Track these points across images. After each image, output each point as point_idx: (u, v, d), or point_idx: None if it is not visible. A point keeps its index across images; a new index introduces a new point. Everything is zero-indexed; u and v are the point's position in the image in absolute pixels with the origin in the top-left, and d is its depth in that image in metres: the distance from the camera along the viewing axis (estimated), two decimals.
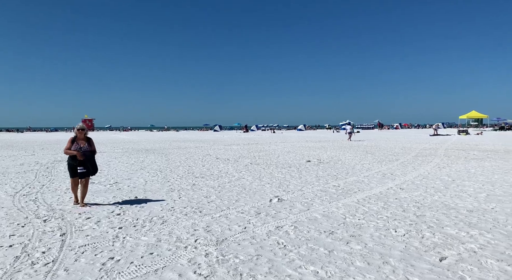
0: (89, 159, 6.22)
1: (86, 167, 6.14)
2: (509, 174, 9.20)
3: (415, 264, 3.50)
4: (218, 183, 8.57)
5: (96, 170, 6.37)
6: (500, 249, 3.85)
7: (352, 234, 4.52)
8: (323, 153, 16.58)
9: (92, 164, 6.27)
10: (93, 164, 6.30)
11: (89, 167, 6.19)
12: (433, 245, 4.03)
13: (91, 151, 6.28)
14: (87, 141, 6.26)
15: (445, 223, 4.91)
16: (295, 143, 25.29)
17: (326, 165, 11.88)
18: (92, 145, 6.36)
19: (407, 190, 7.34)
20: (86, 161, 6.14)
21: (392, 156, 14.62)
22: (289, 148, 20.17)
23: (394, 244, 4.11)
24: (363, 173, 9.99)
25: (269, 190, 7.55)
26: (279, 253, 3.88)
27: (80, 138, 6.22)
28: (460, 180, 8.54)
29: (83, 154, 6.09)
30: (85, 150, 6.15)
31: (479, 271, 3.30)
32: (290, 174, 9.96)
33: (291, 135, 44.34)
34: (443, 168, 10.68)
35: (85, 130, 6.28)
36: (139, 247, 4.13)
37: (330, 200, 6.55)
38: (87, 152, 6.17)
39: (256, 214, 5.60)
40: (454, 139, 28.07)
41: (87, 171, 6.17)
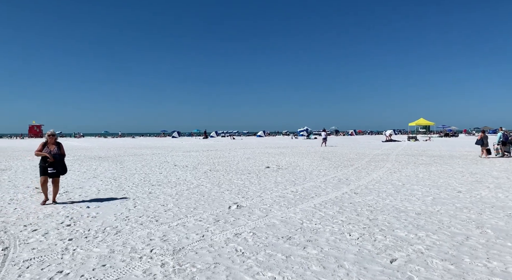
0: (59, 161, 6.93)
1: (56, 168, 6.86)
2: (452, 178, 9.86)
3: (368, 266, 3.64)
4: (175, 190, 8.40)
5: (65, 170, 7.15)
6: (444, 249, 4.11)
7: (309, 239, 4.61)
8: (282, 159, 16.82)
9: (62, 166, 7.01)
10: (63, 166, 7.04)
11: (58, 168, 6.91)
12: (385, 248, 4.21)
13: (61, 154, 7.00)
14: (57, 145, 7.01)
15: (396, 226, 5.16)
16: (255, 150, 25.45)
17: (284, 171, 12.06)
18: (62, 149, 7.10)
19: (361, 195, 7.62)
20: (56, 163, 6.85)
21: (347, 162, 15.14)
22: (249, 155, 20.25)
23: (348, 247, 4.24)
24: (320, 178, 10.25)
25: (228, 197, 7.52)
26: (237, 261, 3.86)
27: (51, 142, 6.96)
28: (409, 184, 9.01)
29: (53, 157, 6.81)
30: (55, 153, 6.88)
31: (426, 270, 3.49)
32: (250, 180, 10.00)
33: (251, 142, 44.57)
34: (394, 173, 11.23)
35: (55, 136, 7.08)
36: (91, 259, 3.94)
37: (288, 205, 6.65)
38: (56, 155, 6.89)
39: (214, 221, 5.55)
40: (404, 145, 29.66)
41: (57, 172, 6.90)
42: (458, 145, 28.96)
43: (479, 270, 3.47)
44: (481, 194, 7.45)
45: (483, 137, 16.91)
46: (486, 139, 16.89)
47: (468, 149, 23.02)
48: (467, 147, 25.24)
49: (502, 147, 16.83)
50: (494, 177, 9.87)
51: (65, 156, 7.13)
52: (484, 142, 16.79)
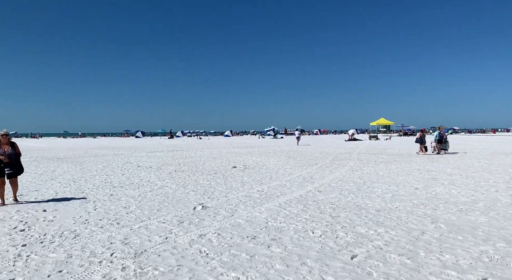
0: (15, 161, 6.85)
1: (12, 169, 6.80)
2: (410, 176, 10.32)
3: (330, 263, 3.73)
4: (138, 192, 8.19)
5: (22, 170, 7.13)
6: (402, 245, 4.29)
7: (273, 237, 4.65)
8: (249, 159, 16.86)
9: (18, 166, 6.97)
10: (19, 166, 7.02)
11: (15, 168, 6.85)
12: (346, 244, 4.33)
13: (16, 154, 6.90)
14: (11, 145, 6.86)
15: (357, 223, 5.32)
16: (222, 149, 25.33)
17: (251, 171, 12.10)
18: (17, 149, 6.98)
19: (324, 193, 7.80)
20: (12, 163, 6.77)
21: (312, 161, 15.43)
22: (216, 154, 20.13)
23: (311, 245, 4.33)
24: (286, 177, 10.38)
25: (193, 198, 7.43)
26: (201, 262, 3.83)
27: (4, 143, 6.78)
28: (370, 182, 9.33)
29: (9, 157, 6.71)
30: (9, 153, 6.77)
31: (384, 266, 3.63)
32: (216, 180, 9.94)
33: (218, 141, 44.34)
34: (356, 171, 11.58)
35: (8, 136, 6.89)
36: (46, 266, 3.75)
37: (254, 205, 6.67)
38: (12, 155, 6.79)
39: (178, 223, 5.46)
40: (366, 144, 30.67)
41: (13, 172, 6.84)
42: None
43: (432, 264, 3.66)
44: (436, 191, 7.85)
45: (422, 136, 18.34)
46: (424, 138, 18.37)
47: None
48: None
49: (438, 145, 18.24)
50: (448, 174, 10.43)
51: (20, 156, 7.10)
52: (422, 140, 18.25)
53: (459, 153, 18.10)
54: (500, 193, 7.38)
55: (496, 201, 6.62)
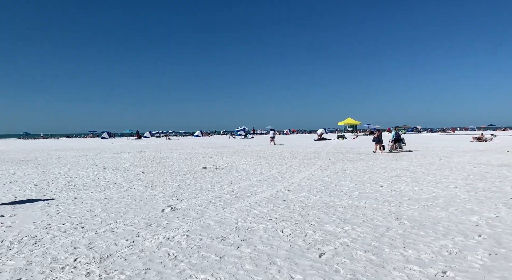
0: None
1: None
2: (376, 174, 10.64)
3: (298, 261, 3.78)
4: (104, 195, 7.94)
5: None
6: (368, 241, 4.42)
7: (243, 238, 4.65)
8: (219, 159, 16.77)
9: None
10: None
11: None
12: (314, 242, 4.41)
13: None
14: None
15: (325, 221, 5.42)
16: (191, 150, 25.04)
17: (222, 171, 12.04)
18: None
19: (294, 192, 7.89)
20: None
21: (282, 160, 15.58)
22: (185, 155, 19.87)
23: (280, 244, 4.37)
24: (256, 177, 10.41)
25: (161, 200, 7.29)
26: (169, 265, 3.76)
27: None
28: (338, 180, 9.54)
29: None
30: None
31: (351, 262, 3.72)
32: (185, 181, 9.81)
33: (188, 142, 43.81)
34: (324, 170, 11.80)
35: None
36: (3, 274, 3.56)
37: (224, 205, 6.64)
38: None
39: (146, 225, 5.34)
40: (334, 143, 31.34)
41: None
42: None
43: (396, 259, 3.79)
44: (400, 188, 8.14)
45: (379, 135, 19.37)
46: (381, 137, 19.37)
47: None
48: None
49: (395, 143, 19.37)
50: (411, 172, 10.85)
51: None
52: (379, 139, 19.23)
53: (414, 151, 18.88)
54: (458, 190, 7.76)
55: (455, 197, 6.96)
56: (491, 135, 31.26)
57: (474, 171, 10.73)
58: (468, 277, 3.28)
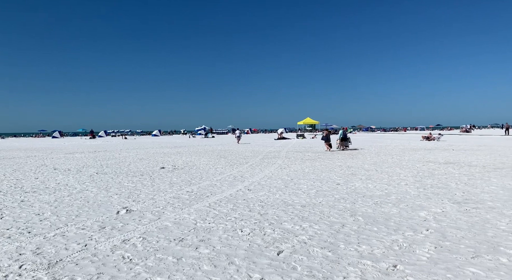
0: None
1: None
2: (333, 172, 10.96)
3: (257, 260, 3.79)
4: (54, 197, 7.51)
5: None
6: (324, 238, 4.53)
7: (201, 238, 4.60)
8: (179, 159, 16.47)
9: None
10: None
11: None
12: (273, 241, 4.45)
13: None
14: None
15: (284, 219, 5.49)
16: (149, 149, 24.39)
17: (180, 171, 11.82)
18: None
19: (254, 191, 7.93)
20: None
21: (243, 159, 15.60)
22: (142, 155, 19.31)
23: (239, 243, 4.36)
24: (216, 177, 10.33)
25: (117, 202, 7.03)
26: (123, 268, 3.63)
27: None
28: (297, 179, 9.71)
29: None
30: None
31: (308, 259, 3.80)
32: (142, 182, 9.53)
33: (145, 141, 42.63)
34: (284, 169, 11.97)
35: None
36: None
37: (182, 206, 6.52)
38: None
39: (100, 228, 5.12)
40: (294, 143, 31.89)
41: None
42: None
43: (351, 254, 3.92)
44: (355, 186, 8.44)
45: (327, 134, 20.78)
46: (329, 136, 20.70)
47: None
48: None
49: (342, 142, 20.61)
50: (366, 170, 11.28)
51: None
52: (328, 138, 20.52)
53: (362, 149, 19.71)
54: (409, 186, 8.18)
55: (405, 194, 7.33)
56: (439, 135, 33.31)
57: (423, 168, 11.36)
58: (416, 269, 3.46)
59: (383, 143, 27.65)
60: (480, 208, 5.91)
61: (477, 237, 4.43)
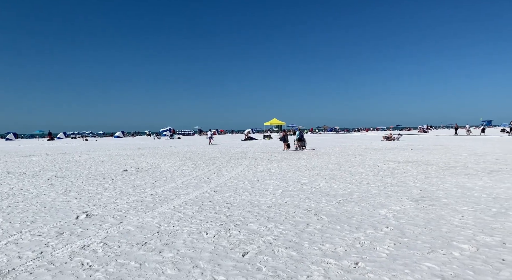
0: None
1: None
2: (298, 172, 11.12)
3: (222, 262, 3.77)
4: (7, 203, 7.09)
5: None
6: (289, 238, 4.58)
7: (165, 242, 4.50)
8: (142, 161, 16.07)
9: None
10: None
11: None
12: (239, 242, 4.44)
13: None
14: None
15: (250, 220, 5.50)
16: (111, 152, 23.62)
17: (144, 174, 11.54)
18: None
19: (220, 192, 7.88)
20: None
21: (209, 161, 15.47)
22: (104, 157, 18.66)
23: (204, 246, 4.32)
24: (182, 179, 10.18)
25: (76, 206, 6.74)
26: (82, 275, 3.48)
27: None
28: (263, 179, 9.76)
29: None
30: None
31: (273, 260, 3.82)
32: (104, 185, 9.20)
33: (107, 143, 41.24)
34: (250, 170, 12.00)
35: None
36: None
37: (146, 210, 6.36)
38: None
39: (57, 235, 4.89)
40: (260, 143, 32.06)
41: None
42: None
43: (315, 253, 3.99)
44: (320, 185, 8.62)
45: (285, 135, 21.90)
46: (286, 137, 21.85)
47: (310, 145, 26.33)
48: (310, 143, 28.83)
49: (299, 142, 21.55)
50: (330, 169, 11.55)
51: None
52: (285, 139, 21.60)
53: (315, 149, 20.23)
54: (370, 185, 8.46)
55: (367, 192, 7.57)
56: (398, 135, 34.73)
57: (383, 167, 11.79)
58: (376, 266, 3.58)
59: (346, 143, 28.42)
60: (435, 205, 6.22)
61: (433, 233, 4.66)
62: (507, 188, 7.55)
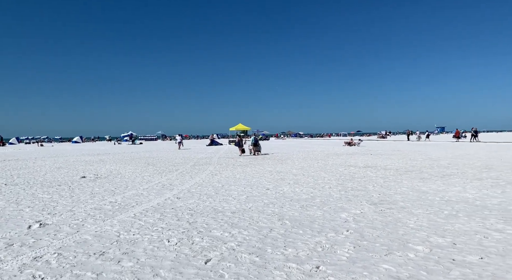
0: None
1: None
2: (263, 177, 11.18)
3: (184, 270, 3.70)
4: None
5: None
6: (252, 243, 4.58)
7: (125, 251, 4.35)
8: (102, 167, 15.49)
9: None
10: None
11: None
12: (201, 249, 4.38)
13: None
14: None
15: (213, 227, 5.45)
16: (69, 158, 22.58)
17: (104, 180, 11.12)
18: None
19: (183, 199, 7.75)
20: None
21: (172, 167, 15.19)
22: (61, 164, 17.80)
23: (166, 254, 4.22)
24: (143, 185, 9.91)
25: (28, 215, 6.36)
26: None
27: None
28: (228, 185, 9.72)
29: None
30: None
31: (235, 266, 3.80)
32: (59, 193, 8.76)
33: (65, 148, 39.42)
34: (215, 175, 11.91)
35: None
36: None
37: (104, 218, 6.13)
38: None
39: (7, 246, 4.58)
40: (226, 148, 31.92)
41: None
42: (268, 147, 33.12)
43: (277, 258, 4.02)
44: (284, 190, 8.71)
45: (240, 140, 22.70)
46: (242, 142, 22.58)
47: (275, 150, 26.60)
48: (275, 149, 29.13)
49: (254, 147, 21.91)
50: (294, 174, 11.71)
51: None
52: (240, 144, 22.26)
53: (269, 154, 20.58)
54: (332, 189, 8.67)
55: (329, 197, 7.75)
56: (359, 140, 35.95)
57: (345, 172, 12.13)
58: (337, 269, 3.66)
59: (310, 149, 28.97)
60: (393, 208, 6.48)
61: (390, 235, 4.84)
62: (458, 192, 8.01)
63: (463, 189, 8.27)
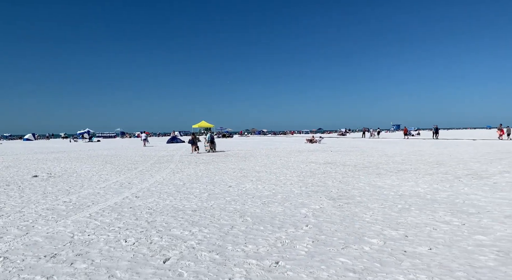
0: None
1: None
2: (226, 175, 11.14)
3: (141, 271, 3.60)
4: None
5: None
6: (213, 241, 4.55)
7: (78, 252, 4.17)
8: (56, 166, 14.74)
9: None
10: None
11: None
12: (160, 249, 4.28)
13: None
14: None
15: (173, 225, 5.35)
16: (19, 156, 21.28)
17: (57, 179, 10.58)
18: None
19: (142, 198, 7.55)
20: None
21: (132, 165, 14.75)
22: (10, 162, 16.74)
23: (122, 255, 4.08)
24: (100, 184, 9.54)
25: None
26: None
27: None
28: (189, 183, 9.59)
29: None
30: None
31: (195, 264, 3.76)
32: (8, 193, 8.23)
33: (15, 146, 37.09)
34: (177, 173, 11.70)
35: None
36: None
37: (57, 218, 5.83)
38: None
39: None
40: (188, 146, 31.45)
41: None
42: (231, 144, 33.09)
43: (238, 255, 4.02)
44: (246, 187, 8.73)
45: (194, 138, 22.30)
46: (195, 139, 22.34)
47: (238, 147, 26.62)
48: (239, 146, 29.15)
49: (210, 145, 22.77)
50: (257, 172, 11.78)
51: None
52: (194, 141, 21.98)
53: (224, 152, 20.74)
54: (293, 186, 8.81)
55: (290, 193, 7.87)
56: (320, 137, 36.80)
57: (306, 169, 12.37)
58: (295, 264, 3.73)
59: (273, 146, 29.26)
60: (350, 203, 6.70)
61: (347, 229, 5.00)
62: (410, 186, 8.42)
63: (415, 184, 8.71)
